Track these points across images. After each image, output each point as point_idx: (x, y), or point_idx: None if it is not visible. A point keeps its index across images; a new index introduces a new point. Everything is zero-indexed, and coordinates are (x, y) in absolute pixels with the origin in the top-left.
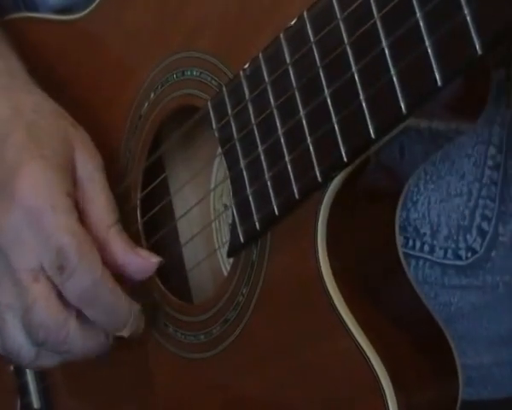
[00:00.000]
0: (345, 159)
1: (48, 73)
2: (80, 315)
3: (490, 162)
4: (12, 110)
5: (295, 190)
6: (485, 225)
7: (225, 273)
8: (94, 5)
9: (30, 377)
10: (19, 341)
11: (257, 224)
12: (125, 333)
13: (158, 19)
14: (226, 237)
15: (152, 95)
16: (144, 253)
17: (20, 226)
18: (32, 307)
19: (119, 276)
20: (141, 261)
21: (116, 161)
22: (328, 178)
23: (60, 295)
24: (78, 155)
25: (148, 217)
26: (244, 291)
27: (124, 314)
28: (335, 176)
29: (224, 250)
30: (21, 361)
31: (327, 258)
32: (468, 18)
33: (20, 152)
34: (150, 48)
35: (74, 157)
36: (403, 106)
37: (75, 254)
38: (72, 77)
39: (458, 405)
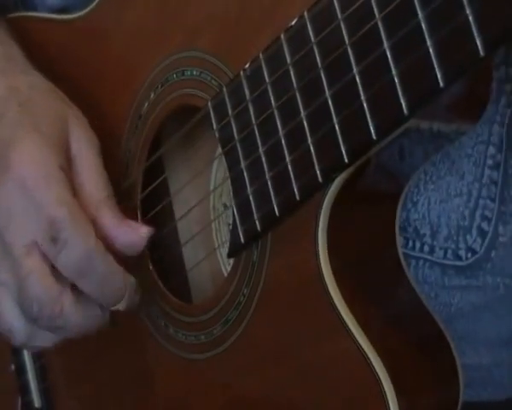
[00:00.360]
0: (346, 160)
1: (47, 72)
2: (75, 289)
3: (490, 162)
4: (7, 89)
5: (296, 191)
6: (485, 226)
7: (225, 273)
8: (93, 5)
9: (31, 376)
10: (13, 318)
11: (257, 224)
12: (120, 307)
13: (158, 18)
14: (226, 236)
15: (152, 95)
16: (134, 224)
17: (14, 199)
18: (26, 280)
19: (112, 252)
20: (131, 233)
21: (116, 161)
22: (328, 179)
23: (54, 270)
24: (72, 132)
25: (149, 217)
26: (245, 291)
27: (118, 286)
28: (336, 177)
29: (224, 250)
30: (16, 339)
31: (327, 258)
32: (471, 18)
33: (15, 128)
34: (150, 48)
35: (68, 134)
36: (404, 107)
37: (68, 225)
38: (72, 76)
39: (459, 406)
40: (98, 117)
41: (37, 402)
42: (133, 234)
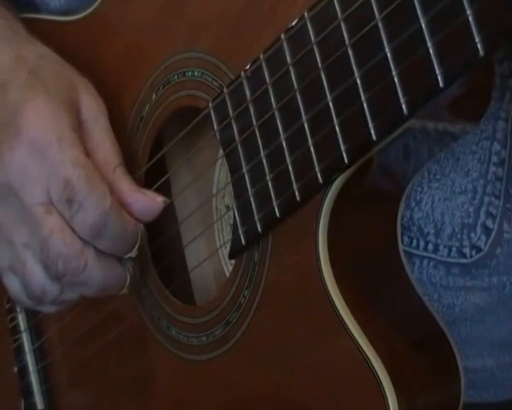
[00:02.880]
0: (346, 160)
1: None
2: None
3: (494, 158)
4: (15, 59)
5: (296, 192)
6: (489, 223)
7: (227, 274)
8: (94, 6)
9: (33, 378)
10: (41, 279)
11: (258, 225)
12: (133, 254)
13: (159, 20)
14: (228, 237)
15: (153, 96)
16: (150, 193)
17: (27, 161)
18: (49, 239)
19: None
20: (147, 200)
21: None
22: (329, 180)
23: (72, 228)
24: (82, 97)
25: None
26: (246, 293)
27: (133, 238)
28: (336, 178)
29: (226, 251)
30: (46, 300)
31: (328, 260)
32: (471, 18)
33: (25, 91)
34: (151, 49)
35: (79, 99)
36: (404, 107)
37: (83, 186)
38: None
39: (460, 407)
40: None
41: (39, 404)
42: (149, 200)
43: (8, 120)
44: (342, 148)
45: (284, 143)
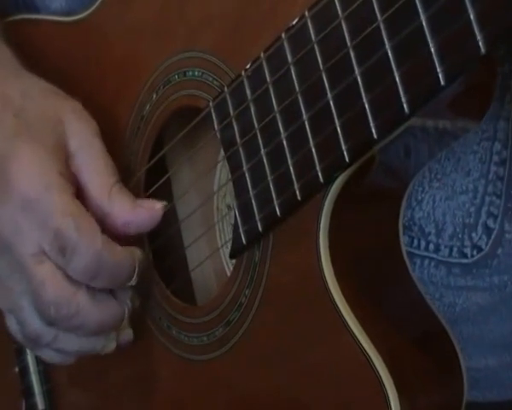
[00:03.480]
0: (347, 159)
1: (49, 74)
2: (90, 286)
3: (495, 158)
4: (1, 99)
5: (297, 191)
6: (490, 223)
7: (228, 273)
8: (94, 7)
9: (34, 378)
10: (35, 324)
11: (259, 225)
12: (133, 282)
13: (159, 20)
14: (229, 235)
15: (154, 96)
16: (148, 203)
17: (18, 215)
18: (40, 288)
19: (127, 235)
20: (146, 212)
21: (118, 162)
22: (329, 179)
23: (66, 274)
24: (69, 130)
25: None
26: (247, 292)
27: (129, 268)
28: (337, 176)
29: (227, 250)
30: (41, 343)
31: (329, 259)
32: (472, 16)
33: (11, 140)
34: (152, 49)
35: (66, 134)
36: (405, 106)
37: (73, 233)
38: (74, 78)
39: (463, 407)
40: (100, 119)
41: (40, 404)
42: (149, 211)
43: None
44: (343, 147)
45: (285, 142)
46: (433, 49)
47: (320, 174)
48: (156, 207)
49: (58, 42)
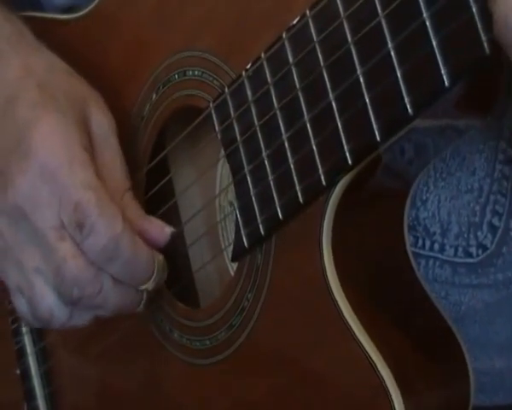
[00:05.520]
0: (350, 162)
1: None
2: None
3: (501, 157)
4: (23, 70)
5: (299, 194)
6: (495, 221)
7: (232, 273)
8: (94, 4)
9: (36, 381)
10: (50, 304)
11: (261, 228)
12: (149, 286)
13: (159, 18)
14: (232, 236)
15: (154, 96)
16: (158, 222)
17: (38, 184)
18: (63, 265)
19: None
20: (155, 230)
21: None
22: (332, 182)
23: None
24: (93, 112)
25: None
26: (249, 296)
27: (147, 267)
28: (340, 179)
29: (231, 250)
30: (55, 324)
31: (332, 262)
32: (476, 15)
33: (34, 108)
34: (151, 48)
35: (90, 114)
36: (409, 107)
37: (94, 210)
38: None
39: (470, 409)
40: None
41: (42, 408)
42: (158, 231)
43: (18, 139)
44: (346, 148)
45: (286, 144)
46: (436, 48)
47: (322, 177)
48: (165, 229)
49: (58, 40)
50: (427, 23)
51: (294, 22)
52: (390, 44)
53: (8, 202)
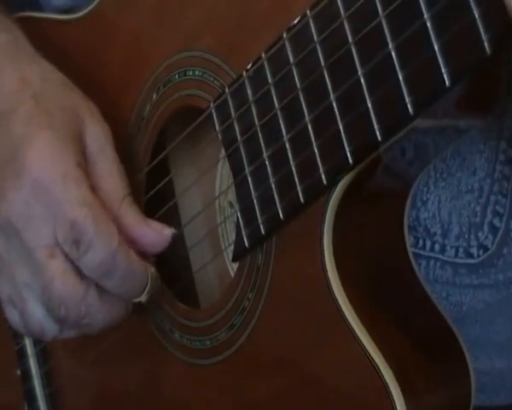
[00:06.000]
0: (350, 161)
1: None
2: (98, 286)
3: (501, 157)
4: (19, 81)
5: (300, 194)
6: (496, 222)
7: (232, 274)
8: (94, 5)
9: (36, 381)
10: (40, 319)
11: (262, 228)
12: (143, 298)
13: (159, 18)
14: (232, 236)
15: (154, 96)
16: (157, 225)
17: (31, 201)
18: (51, 284)
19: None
20: (154, 234)
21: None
22: (333, 181)
23: (77, 269)
24: (87, 127)
25: (154, 219)
26: (250, 296)
27: (141, 280)
28: (341, 179)
29: (231, 250)
30: (47, 337)
31: (333, 262)
32: (477, 16)
33: (29, 124)
34: (152, 48)
35: (84, 130)
36: (410, 107)
37: (90, 227)
38: (73, 78)
39: (471, 409)
40: None
41: (43, 408)
42: (157, 235)
43: (13, 154)
44: (347, 148)
45: (287, 144)
46: (437, 49)
47: (323, 176)
48: (165, 231)
49: (59, 41)
50: (428, 23)
51: (295, 22)
52: (391, 45)
53: (1, 216)
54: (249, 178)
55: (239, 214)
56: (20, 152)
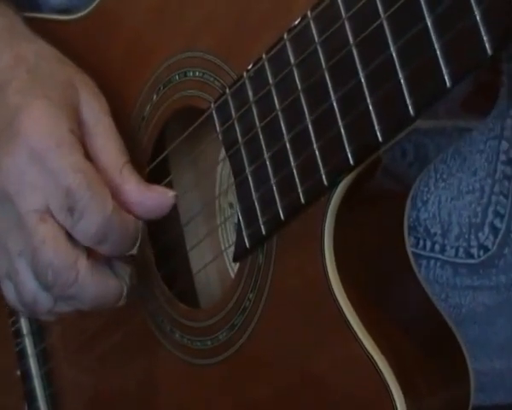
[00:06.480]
0: (351, 162)
1: None
2: (91, 256)
3: (502, 157)
4: (14, 58)
5: (301, 194)
6: (497, 222)
7: (232, 275)
8: (94, 5)
9: (37, 382)
10: (33, 288)
11: (262, 228)
12: (134, 251)
13: (160, 19)
14: (232, 237)
15: (154, 96)
16: (159, 188)
17: (26, 168)
18: (40, 247)
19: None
20: (158, 196)
21: None
22: (334, 182)
23: (69, 236)
24: (82, 97)
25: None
26: (251, 296)
27: (134, 237)
28: (341, 179)
29: (231, 251)
30: (39, 311)
31: (334, 262)
32: (478, 18)
33: (24, 94)
34: (152, 48)
35: (79, 100)
36: (411, 108)
37: (84, 193)
38: None
39: (470, 408)
40: None
41: (43, 408)
42: (161, 196)
43: (7, 123)
44: (347, 149)
45: (288, 145)
46: (438, 50)
47: (324, 177)
48: (169, 194)
49: (59, 41)
50: (429, 24)
51: (296, 23)
52: (392, 46)
53: None
54: (250, 179)
55: (239, 215)
56: (16, 120)
